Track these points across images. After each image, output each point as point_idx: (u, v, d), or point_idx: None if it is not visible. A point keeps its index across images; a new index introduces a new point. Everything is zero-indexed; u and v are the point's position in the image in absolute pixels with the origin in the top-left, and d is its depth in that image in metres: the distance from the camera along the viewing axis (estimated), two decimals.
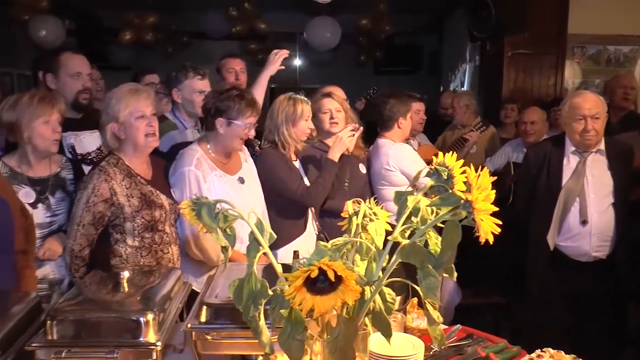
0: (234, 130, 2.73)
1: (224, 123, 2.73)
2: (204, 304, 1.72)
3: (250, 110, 2.75)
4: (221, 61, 4.08)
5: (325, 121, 3.47)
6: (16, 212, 2.33)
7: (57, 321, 1.64)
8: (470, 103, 5.45)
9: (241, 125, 2.73)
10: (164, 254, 2.58)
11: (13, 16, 7.62)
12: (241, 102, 2.73)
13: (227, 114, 2.72)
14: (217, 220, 1.27)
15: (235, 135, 2.75)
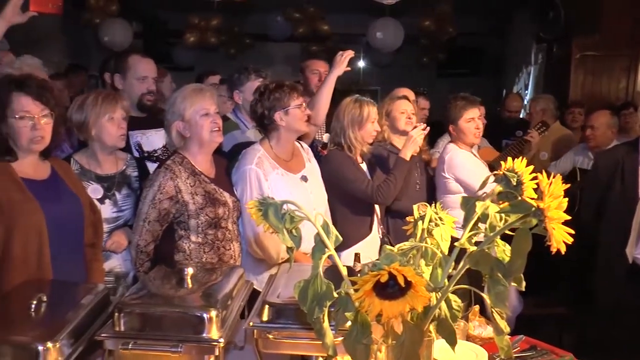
0: (293, 115, 2.77)
1: (281, 114, 2.76)
2: (266, 303, 1.73)
3: (296, 91, 2.81)
4: (305, 62, 4.15)
5: (402, 120, 3.51)
6: (86, 207, 2.41)
7: (124, 314, 1.68)
8: (548, 107, 5.29)
9: (297, 107, 2.77)
10: (226, 251, 2.62)
11: (85, 21, 7.94)
12: (284, 89, 2.78)
13: (280, 106, 2.76)
14: (283, 221, 1.27)
15: (297, 119, 2.79)
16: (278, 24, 9.11)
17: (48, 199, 2.25)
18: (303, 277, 1.94)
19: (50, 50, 7.52)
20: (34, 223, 2.18)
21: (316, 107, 3.29)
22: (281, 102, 2.76)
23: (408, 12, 7.53)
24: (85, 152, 2.76)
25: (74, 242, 2.37)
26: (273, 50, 10.26)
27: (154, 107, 3.26)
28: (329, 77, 3.36)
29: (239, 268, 2.10)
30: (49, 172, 2.36)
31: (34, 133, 2.21)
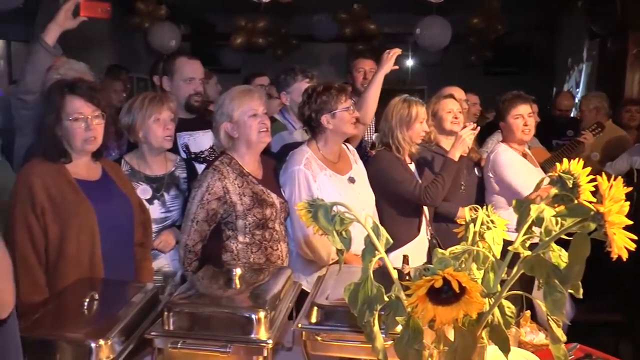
0: (340, 118, 2.76)
1: (328, 117, 2.76)
2: (315, 305, 1.72)
3: (344, 94, 2.79)
4: (354, 61, 4.16)
5: (448, 120, 3.47)
6: (135, 207, 2.46)
7: (173, 313, 1.70)
8: (602, 105, 5.12)
9: (345, 109, 2.76)
10: (273, 251, 2.63)
11: (134, 25, 8.11)
12: (332, 92, 2.77)
13: (327, 109, 2.75)
14: (333, 222, 1.26)
15: (345, 122, 2.78)
16: (324, 24, 9.12)
17: (100, 200, 2.30)
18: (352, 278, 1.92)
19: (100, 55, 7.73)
20: (87, 223, 2.23)
21: (364, 107, 3.27)
22: (328, 105, 2.75)
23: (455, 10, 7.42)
24: (135, 153, 2.81)
25: (124, 242, 2.41)
26: (319, 51, 10.28)
27: (201, 108, 3.29)
28: (376, 75, 3.34)
29: (287, 269, 2.10)
30: (100, 173, 2.41)
31: (88, 134, 2.27)
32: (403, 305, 1.21)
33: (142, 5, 8.02)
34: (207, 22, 9.96)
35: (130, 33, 8.61)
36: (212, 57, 9.43)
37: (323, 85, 2.83)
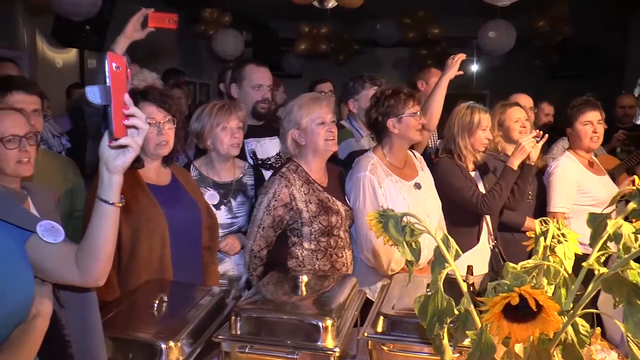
0: (406, 123, 2.75)
1: (394, 122, 2.75)
2: (380, 314, 1.73)
3: (412, 99, 2.78)
4: (418, 73, 4.17)
5: (515, 130, 3.41)
6: (203, 211, 2.51)
7: (241, 317, 1.74)
8: None
9: (411, 115, 2.74)
10: (338, 258, 2.64)
11: (199, 32, 8.31)
12: (399, 96, 2.76)
13: (393, 113, 2.74)
14: (403, 233, 1.25)
15: (410, 127, 2.76)
16: (387, 29, 9.10)
17: (169, 204, 2.37)
18: (417, 288, 1.93)
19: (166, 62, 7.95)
20: (157, 226, 2.30)
21: (428, 113, 3.25)
22: (395, 109, 2.75)
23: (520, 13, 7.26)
24: (204, 159, 2.86)
25: (192, 245, 2.47)
26: (382, 56, 10.25)
27: (269, 114, 3.33)
28: (441, 81, 3.31)
29: (352, 277, 2.11)
30: (170, 178, 2.49)
31: (160, 138, 2.35)
32: (472, 318, 1.19)
33: (207, 13, 8.20)
34: (270, 28, 10.10)
35: (194, 40, 8.82)
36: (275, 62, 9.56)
37: (392, 90, 2.83)
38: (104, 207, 1.37)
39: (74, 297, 1.55)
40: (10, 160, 2.04)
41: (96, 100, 1.22)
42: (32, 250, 1.41)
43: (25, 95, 2.39)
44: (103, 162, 1.33)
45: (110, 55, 1.22)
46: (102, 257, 1.42)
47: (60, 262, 1.42)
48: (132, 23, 2.53)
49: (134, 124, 1.29)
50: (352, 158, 2.95)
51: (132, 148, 1.31)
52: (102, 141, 1.31)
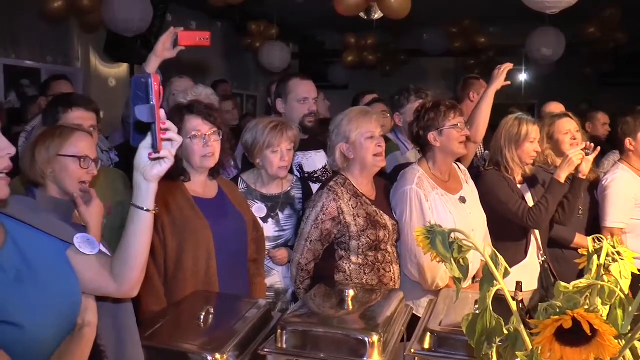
0: (447, 135, 2.72)
1: (435, 135, 2.72)
2: (427, 330, 1.71)
3: (453, 110, 2.74)
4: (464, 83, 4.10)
5: (566, 142, 3.32)
6: (249, 224, 2.53)
7: (287, 331, 1.74)
8: None
9: (453, 127, 2.71)
10: (386, 273, 2.62)
11: (246, 45, 8.44)
12: (440, 109, 2.73)
13: (434, 126, 2.72)
14: (451, 250, 1.23)
15: (452, 139, 2.73)
16: (434, 39, 9.04)
17: (215, 217, 2.40)
18: (464, 304, 1.90)
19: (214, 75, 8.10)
20: (203, 239, 2.33)
21: (475, 125, 3.20)
22: (435, 122, 2.72)
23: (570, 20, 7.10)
24: (252, 173, 2.86)
25: (238, 258, 2.49)
26: (428, 66, 10.21)
27: (315, 127, 3.33)
28: (487, 92, 3.26)
29: (398, 291, 2.10)
30: (217, 191, 2.51)
31: (206, 150, 2.37)
32: (523, 338, 1.16)
33: (254, 26, 8.32)
34: (316, 40, 10.17)
35: (241, 53, 8.96)
36: (321, 74, 9.63)
37: (433, 102, 2.81)
38: (139, 213, 1.42)
39: (108, 307, 1.59)
40: (76, 179, 2.12)
41: (143, 119, 1.28)
42: (71, 261, 1.46)
43: (84, 112, 2.46)
44: (140, 172, 1.38)
45: (153, 77, 1.28)
46: (136, 265, 1.45)
47: (96, 273, 1.47)
48: (162, 42, 2.56)
49: (170, 137, 1.35)
50: (398, 172, 2.93)
51: (168, 159, 1.36)
52: (139, 153, 1.36)
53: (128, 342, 1.61)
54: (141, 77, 1.29)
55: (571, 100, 4.27)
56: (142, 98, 1.28)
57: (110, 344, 1.59)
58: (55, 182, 2.11)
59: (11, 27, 5.89)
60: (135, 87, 1.29)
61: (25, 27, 5.99)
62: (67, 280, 1.43)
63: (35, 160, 2.08)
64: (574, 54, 8.32)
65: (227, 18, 8.45)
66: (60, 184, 2.12)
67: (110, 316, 1.59)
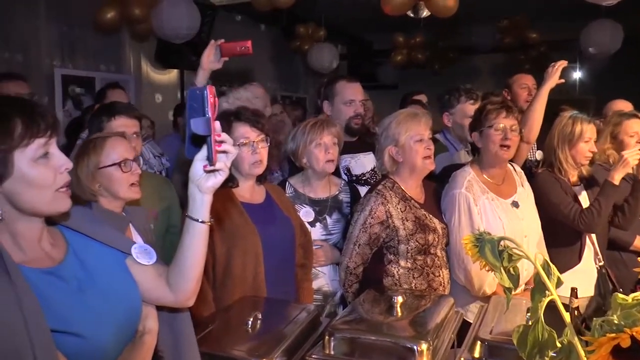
0: (487, 136, 2.66)
1: (477, 136, 2.68)
2: (478, 339, 1.67)
3: (496, 111, 2.65)
4: (512, 77, 4.01)
5: (630, 146, 3.15)
6: (297, 229, 2.53)
7: (334, 338, 1.73)
8: None
9: (492, 128, 2.63)
10: (435, 277, 2.58)
11: (295, 48, 8.49)
12: (486, 108, 2.67)
13: (477, 127, 2.67)
14: (501, 259, 1.19)
15: (491, 141, 2.65)
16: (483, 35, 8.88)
17: (263, 222, 2.41)
18: (516, 311, 1.85)
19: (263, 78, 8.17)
20: (251, 244, 2.34)
21: (527, 124, 3.12)
22: (479, 122, 2.68)
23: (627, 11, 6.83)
24: (300, 176, 2.87)
25: (285, 262, 2.49)
26: (478, 63, 10.02)
27: (363, 129, 3.31)
28: (541, 90, 3.16)
29: (449, 297, 2.06)
30: (264, 197, 2.52)
31: (254, 157, 2.39)
32: (577, 352, 1.11)
33: (302, 28, 8.36)
34: (364, 40, 10.13)
35: (290, 55, 9.01)
36: (369, 74, 9.59)
37: (485, 102, 2.75)
38: (194, 225, 1.43)
39: (165, 314, 1.61)
40: (125, 183, 2.13)
41: (199, 132, 1.28)
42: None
43: (126, 119, 2.50)
44: (195, 184, 1.38)
45: (209, 88, 1.28)
46: (192, 275, 1.47)
47: (153, 283, 1.49)
48: (206, 55, 2.59)
49: (225, 149, 1.35)
50: (446, 172, 2.88)
51: (223, 171, 1.37)
52: (194, 165, 1.37)
53: (186, 349, 1.63)
54: (197, 88, 1.29)
55: (630, 97, 4.08)
56: (198, 110, 1.27)
57: (169, 350, 1.62)
58: (106, 195, 2.13)
59: (67, 39, 6.09)
60: (191, 98, 1.28)
61: (80, 39, 6.18)
62: (127, 289, 1.46)
63: (81, 180, 2.09)
64: (632, 47, 7.99)
65: (274, 21, 8.51)
66: (112, 195, 2.14)
67: (167, 323, 1.62)
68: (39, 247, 1.35)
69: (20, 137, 1.23)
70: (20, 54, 5.61)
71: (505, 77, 4.33)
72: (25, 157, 1.24)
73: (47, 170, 1.27)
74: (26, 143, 1.24)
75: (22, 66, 5.54)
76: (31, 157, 1.25)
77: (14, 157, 1.23)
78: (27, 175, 1.25)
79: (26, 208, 1.28)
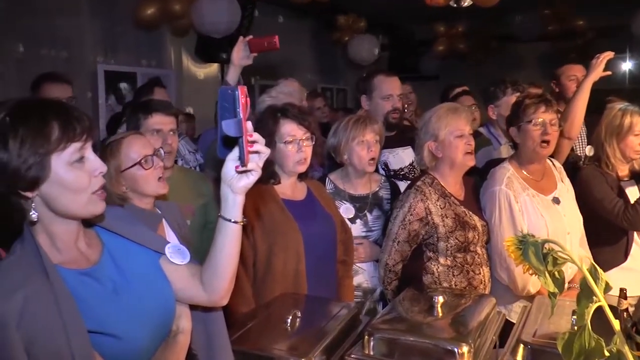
0: (525, 132, 2.59)
1: (515, 131, 2.61)
2: (521, 342, 1.63)
3: (535, 105, 2.58)
4: (561, 68, 3.87)
5: None
6: (337, 226, 2.51)
7: (374, 338, 1.72)
8: None
9: (531, 123, 2.56)
10: (475, 275, 2.53)
11: (335, 39, 8.45)
12: (524, 102, 2.60)
13: (515, 122, 2.61)
14: (545, 262, 1.15)
15: (529, 137, 2.58)
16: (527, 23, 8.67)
17: (305, 219, 2.40)
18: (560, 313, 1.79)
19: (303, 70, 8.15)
20: (293, 241, 2.33)
21: (569, 119, 3.01)
22: (517, 117, 2.61)
23: None
24: (340, 172, 2.85)
25: (326, 259, 2.48)
26: (522, 52, 9.77)
27: (400, 124, 3.27)
28: (584, 83, 3.05)
29: (490, 297, 2.02)
30: (306, 193, 2.51)
31: (299, 155, 2.38)
32: None
33: (342, 19, 8.32)
34: (405, 31, 10.02)
35: (330, 47, 8.98)
36: (411, 65, 9.49)
37: (525, 95, 2.68)
38: (227, 225, 1.42)
39: (198, 314, 1.61)
40: (151, 179, 2.11)
41: (230, 133, 1.26)
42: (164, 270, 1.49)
43: (163, 117, 2.52)
44: (227, 184, 1.37)
45: (240, 89, 1.26)
46: (225, 275, 1.46)
47: (187, 283, 1.49)
48: (236, 52, 2.60)
49: (257, 150, 1.33)
50: (490, 167, 2.81)
51: (255, 171, 1.35)
52: (226, 165, 1.35)
53: (219, 348, 1.64)
54: (228, 88, 1.27)
55: None
56: (229, 110, 1.26)
57: (202, 349, 1.62)
58: (134, 195, 2.13)
59: (109, 35, 6.21)
60: (222, 98, 1.26)
61: (121, 35, 6.29)
62: (161, 289, 1.46)
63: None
64: None
65: (315, 13, 8.49)
66: (140, 193, 2.13)
67: (200, 322, 1.62)
68: (76, 248, 1.36)
69: (57, 141, 1.24)
70: (65, 51, 5.74)
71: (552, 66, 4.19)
72: (61, 161, 1.25)
73: (82, 174, 1.28)
74: (63, 147, 1.25)
75: (66, 63, 5.67)
76: (67, 161, 1.26)
77: (51, 161, 1.24)
78: (63, 179, 1.26)
79: (61, 211, 1.30)
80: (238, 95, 1.24)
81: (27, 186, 1.24)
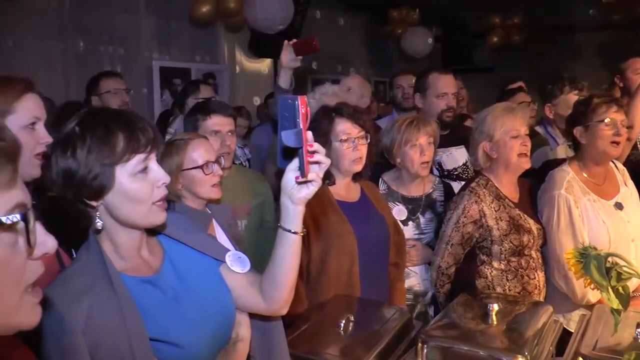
0: (593, 132, 2.48)
1: (581, 131, 2.51)
2: (579, 355, 1.57)
3: (606, 105, 2.47)
4: (626, 62, 3.65)
5: None
6: (390, 227, 2.49)
7: (427, 345, 1.70)
8: None
9: (601, 122, 2.45)
10: (530, 280, 2.47)
11: (388, 32, 8.39)
12: (591, 101, 2.50)
13: (581, 121, 2.50)
14: (608, 277, 1.11)
15: (598, 138, 2.47)
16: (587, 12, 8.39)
17: (359, 221, 2.38)
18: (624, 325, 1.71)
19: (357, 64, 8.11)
20: (347, 244, 2.32)
21: (629, 119, 2.87)
22: (583, 116, 2.50)
23: None
24: (393, 173, 2.81)
25: (379, 261, 2.46)
26: (581, 42, 9.45)
27: (454, 122, 3.21)
28: None
29: (547, 305, 1.96)
30: (359, 194, 2.49)
31: (355, 154, 2.36)
32: None
33: (395, 12, 8.25)
34: (459, 22, 9.85)
35: (383, 40, 8.91)
36: (465, 56, 9.33)
37: (590, 94, 2.58)
38: (287, 236, 1.41)
39: (257, 322, 1.62)
40: (207, 184, 2.18)
41: (290, 144, 1.26)
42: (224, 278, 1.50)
43: (222, 118, 2.54)
44: (287, 195, 1.36)
45: (300, 99, 1.25)
46: (285, 285, 1.46)
47: (246, 291, 1.50)
48: (283, 55, 2.66)
49: (318, 160, 1.31)
50: (546, 168, 2.73)
51: (315, 182, 1.34)
52: (286, 175, 1.35)
53: (278, 357, 1.64)
54: (289, 97, 1.26)
55: None
56: (289, 119, 1.25)
57: (260, 357, 1.63)
58: (188, 194, 2.19)
59: (165, 33, 6.36)
60: (283, 107, 1.26)
61: (176, 32, 6.44)
62: (221, 297, 1.48)
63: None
64: None
65: (367, 7, 8.44)
66: (194, 194, 2.20)
67: (259, 331, 1.63)
68: (138, 256, 1.39)
69: (122, 153, 1.26)
70: (121, 48, 5.90)
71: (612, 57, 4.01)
72: (125, 171, 1.28)
73: (145, 184, 1.30)
74: (127, 158, 1.27)
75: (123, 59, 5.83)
76: (131, 172, 1.28)
77: (115, 172, 1.27)
78: (126, 190, 1.28)
79: (123, 220, 1.32)
80: (298, 106, 1.24)
81: (93, 195, 1.27)
